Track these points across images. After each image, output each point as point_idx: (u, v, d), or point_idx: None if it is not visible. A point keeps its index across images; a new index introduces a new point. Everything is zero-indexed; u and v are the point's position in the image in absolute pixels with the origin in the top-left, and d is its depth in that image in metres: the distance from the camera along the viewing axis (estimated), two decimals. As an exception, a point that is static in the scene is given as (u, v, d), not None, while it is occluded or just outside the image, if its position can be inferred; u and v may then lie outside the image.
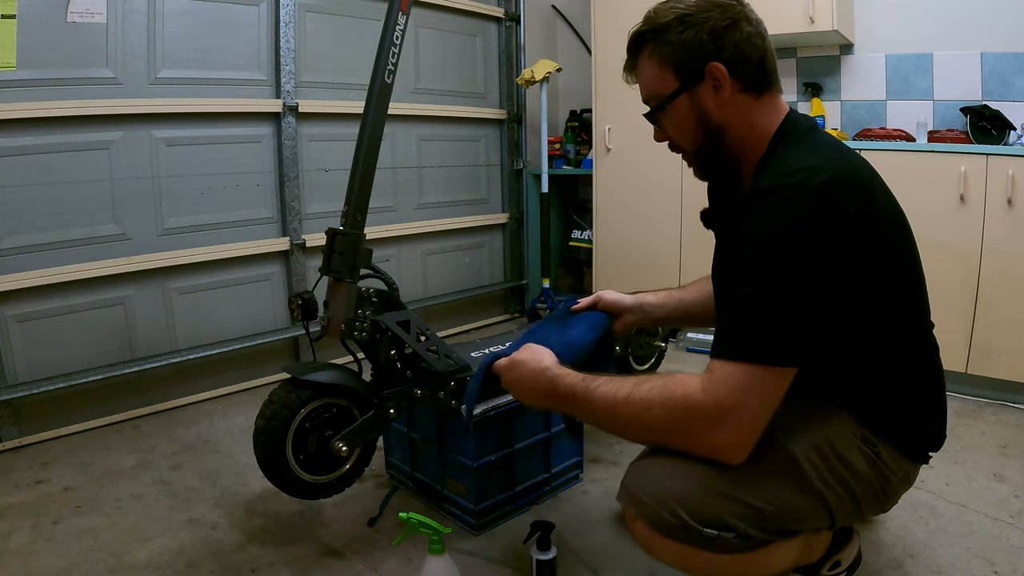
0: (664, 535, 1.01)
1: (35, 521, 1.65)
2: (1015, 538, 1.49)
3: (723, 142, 1.08)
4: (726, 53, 1.03)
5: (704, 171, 1.16)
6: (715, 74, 1.03)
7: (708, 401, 0.93)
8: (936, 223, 2.23)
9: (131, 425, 2.26)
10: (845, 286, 0.95)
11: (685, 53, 1.04)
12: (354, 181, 1.51)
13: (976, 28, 2.52)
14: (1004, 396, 2.30)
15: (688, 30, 1.03)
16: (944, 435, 1.13)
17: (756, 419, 0.94)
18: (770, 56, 1.07)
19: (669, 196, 2.94)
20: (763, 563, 1.06)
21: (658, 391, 0.98)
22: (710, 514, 0.99)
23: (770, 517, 1.01)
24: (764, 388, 0.93)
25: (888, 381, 1.08)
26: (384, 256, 3.00)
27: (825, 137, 1.06)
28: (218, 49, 2.42)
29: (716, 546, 1.00)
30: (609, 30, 3.05)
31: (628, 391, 1.01)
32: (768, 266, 0.92)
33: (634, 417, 1.00)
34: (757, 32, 1.05)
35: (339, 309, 1.50)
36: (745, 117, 1.06)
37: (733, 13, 1.04)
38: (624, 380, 1.04)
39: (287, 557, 1.49)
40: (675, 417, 0.97)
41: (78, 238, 2.18)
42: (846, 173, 0.96)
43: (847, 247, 0.93)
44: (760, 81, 1.06)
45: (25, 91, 2.02)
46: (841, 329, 0.98)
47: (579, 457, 1.81)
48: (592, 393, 1.05)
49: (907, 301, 1.07)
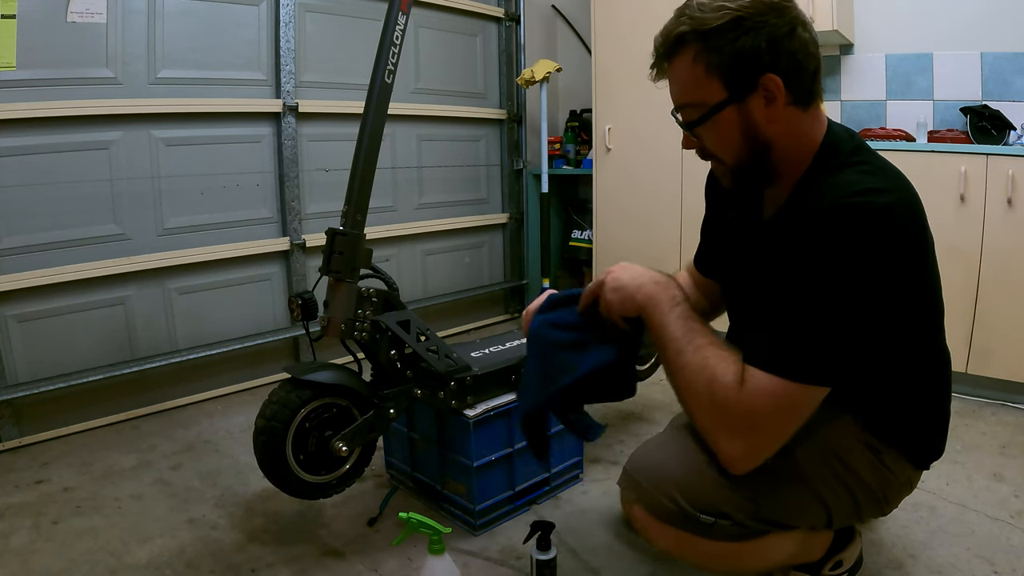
0: (661, 520, 1.02)
1: (35, 521, 1.65)
2: (1015, 538, 1.49)
3: (768, 158, 1.00)
4: (783, 64, 0.93)
5: (740, 185, 1.08)
6: (769, 87, 0.94)
7: (744, 405, 0.91)
8: (936, 223, 2.17)
9: (131, 425, 2.26)
10: (891, 310, 0.93)
11: (739, 62, 0.93)
12: (354, 181, 1.51)
13: (976, 28, 2.52)
14: (1004, 396, 2.30)
15: (744, 36, 0.92)
16: (944, 446, 1.14)
17: (777, 438, 0.93)
18: (821, 66, 0.99)
19: (669, 196, 2.93)
20: (759, 554, 1.06)
21: (716, 358, 0.95)
22: (707, 501, 0.99)
23: (766, 508, 1.02)
24: (799, 407, 0.92)
25: (901, 392, 1.07)
26: (384, 256, 3.00)
27: (878, 157, 1.01)
28: (218, 49, 2.42)
29: (712, 533, 1.00)
30: (609, 30, 3.05)
31: (700, 343, 0.97)
32: (827, 287, 0.89)
33: (688, 367, 0.96)
34: (812, 39, 0.96)
35: (339, 309, 1.50)
36: (794, 130, 0.99)
37: (791, 17, 0.94)
38: (702, 327, 1.00)
39: (287, 557, 1.49)
40: (714, 400, 0.94)
41: (78, 238, 2.18)
42: (905, 197, 0.94)
43: (900, 273, 0.91)
44: (811, 93, 0.98)
45: (25, 91, 2.02)
46: (877, 349, 0.96)
47: (579, 457, 1.81)
48: (677, 318, 1.00)
49: (931, 318, 1.06)
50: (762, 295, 1.01)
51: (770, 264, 1.00)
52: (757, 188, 1.10)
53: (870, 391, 1.06)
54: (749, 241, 1.14)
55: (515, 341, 1.85)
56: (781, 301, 0.94)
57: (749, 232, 1.14)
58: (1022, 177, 2.13)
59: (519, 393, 1.30)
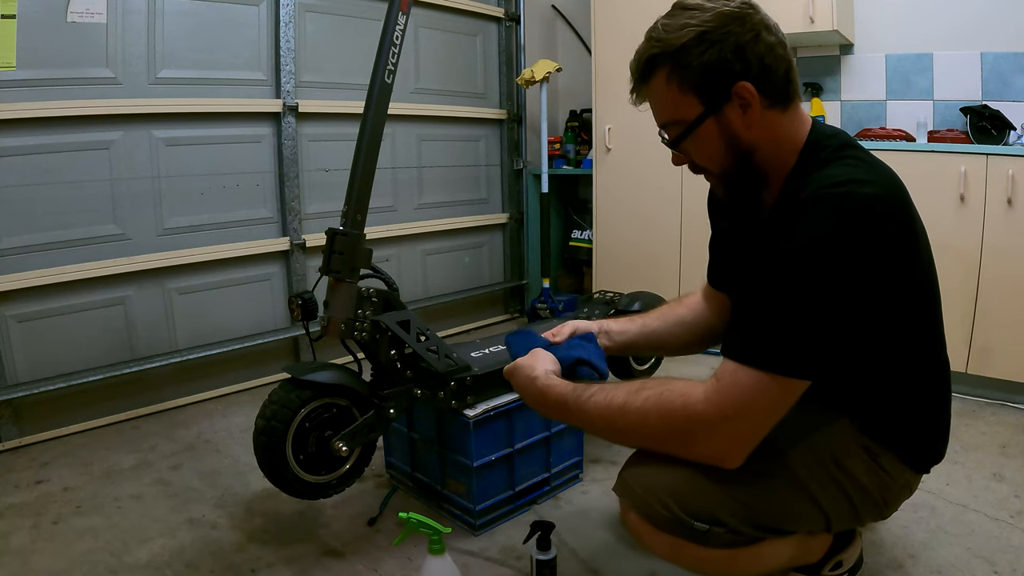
0: (656, 527, 1.02)
1: (35, 521, 1.65)
2: (1015, 538, 1.49)
3: (753, 162, 1.03)
4: (753, 70, 0.96)
5: (731, 192, 1.10)
6: (743, 94, 0.97)
7: (711, 411, 0.92)
8: (936, 223, 2.19)
9: (131, 425, 2.26)
10: (873, 304, 0.92)
11: (709, 75, 0.96)
12: (354, 181, 1.51)
13: (976, 28, 2.52)
14: (1004, 396, 2.30)
15: (710, 49, 0.95)
16: (945, 450, 1.13)
17: (757, 429, 0.93)
18: (794, 66, 1.01)
19: (669, 196, 2.94)
20: (756, 560, 1.06)
21: (655, 401, 0.97)
22: (701, 508, 0.99)
23: (761, 514, 1.01)
24: (771, 399, 0.91)
25: (899, 395, 1.06)
26: (384, 256, 3.00)
27: (865, 153, 1.01)
28: (218, 49, 2.42)
29: (707, 540, 1.00)
30: (609, 30, 3.05)
31: (623, 400, 1.00)
32: (801, 276, 0.89)
33: (631, 427, 0.99)
34: (779, 41, 0.98)
35: (339, 309, 1.50)
36: (774, 133, 1.01)
37: (753, 23, 0.96)
38: (618, 387, 1.03)
39: (287, 557, 1.49)
40: (674, 428, 0.96)
41: (78, 238, 2.18)
42: (889, 190, 0.94)
43: (882, 265, 0.90)
44: (787, 94, 1.00)
45: (25, 91, 2.02)
46: (861, 345, 0.95)
47: (579, 457, 1.81)
48: (585, 403, 1.04)
49: (927, 319, 1.05)
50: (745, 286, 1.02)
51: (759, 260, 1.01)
52: (749, 193, 1.11)
53: (866, 393, 1.06)
54: (749, 245, 1.15)
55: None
56: (756, 291, 0.95)
57: (748, 237, 1.15)
58: (1022, 177, 2.13)
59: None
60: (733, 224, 1.23)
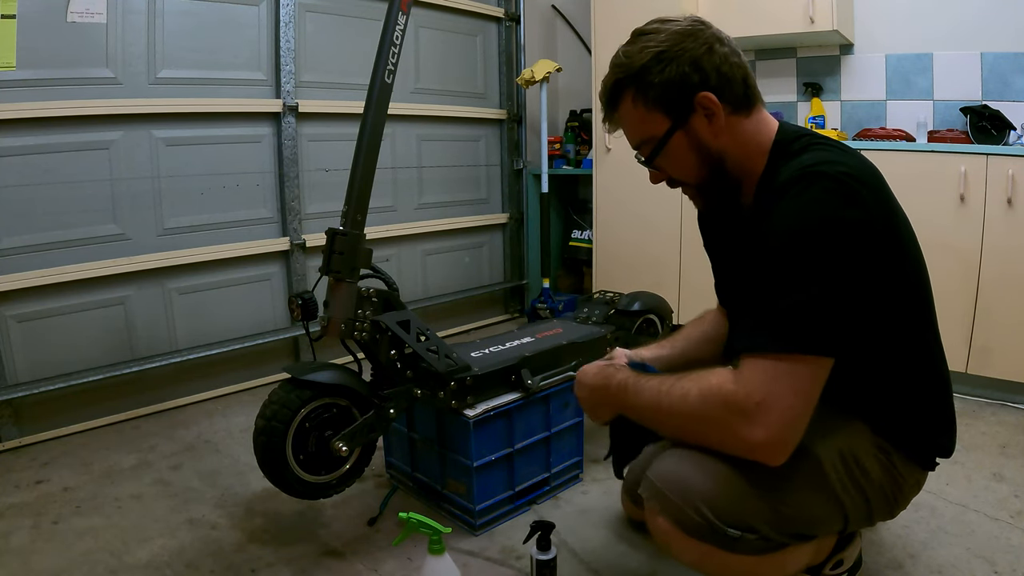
0: (687, 534, 1.01)
1: (35, 521, 1.65)
2: (1015, 538, 1.49)
3: (725, 168, 1.08)
4: (712, 80, 1.02)
5: (708, 201, 1.16)
6: (705, 104, 1.02)
7: (740, 391, 0.93)
8: (936, 223, 2.23)
9: (131, 425, 2.26)
10: (865, 277, 0.94)
11: (671, 90, 1.03)
12: (354, 181, 1.51)
13: (976, 28, 2.52)
14: (1004, 396, 2.30)
15: (668, 66, 1.02)
16: (953, 445, 1.13)
17: (791, 413, 0.92)
18: (750, 72, 1.07)
19: (669, 196, 2.90)
20: (778, 566, 1.06)
21: (695, 380, 0.99)
22: (735, 514, 0.99)
23: (791, 520, 1.01)
24: (794, 379, 0.91)
25: (901, 390, 1.08)
26: (384, 256, 3.00)
27: (833, 141, 1.05)
28: (218, 49, 2.42)
29: (737, 547, 0.99)
30: (609, 30, 3.05)
31: (672, 382, 1.03)
32: (790, 251, 0.91)
33: (674, 407, 1.01)
34: (732, 50, 1.05)
35: (339, 309, 1.50)
36: (741, 138, 1.06)
37: (705, 38, 1.03)
38: (670, 375, 1.06)
39: (287, 557, 1.49)
40: (711, 405, 0.96)
41: (78, 238, 2.18)
42: (861, 170, 0.97)
43: (866, 238, 0.92)
44: (747, 99, 1.06)
45: (25, 91, 2.02)
46: (863, 323, 0.96)
47: (579, 457, 1.81)
48: (641, 387, 1.08)
49: (919, 309, 1.07)
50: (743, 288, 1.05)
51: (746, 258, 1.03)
52: (725, 200, 1.14)
53: (873, 391, 1.07)
54: (739, 250, 1.17)
55: (515, 341, 1.85)
56: (753, 282, 0.97)
57: (737, 242, 1.17)
58: (1022, 177, 2.13)
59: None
60: (724, 237, 1.26)
